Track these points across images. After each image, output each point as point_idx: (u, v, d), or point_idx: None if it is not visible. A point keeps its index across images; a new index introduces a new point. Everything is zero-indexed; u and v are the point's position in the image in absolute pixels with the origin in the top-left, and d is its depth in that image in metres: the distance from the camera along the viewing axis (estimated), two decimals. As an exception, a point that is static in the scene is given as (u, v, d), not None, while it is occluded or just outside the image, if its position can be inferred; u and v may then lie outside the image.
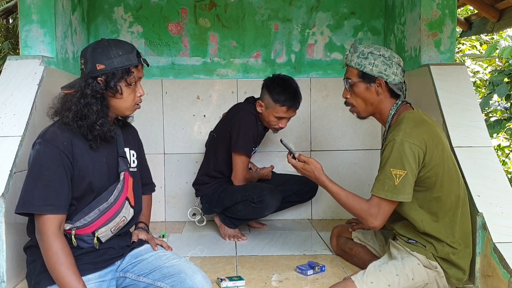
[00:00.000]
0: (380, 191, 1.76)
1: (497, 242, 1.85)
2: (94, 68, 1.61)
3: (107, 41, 1.67)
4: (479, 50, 6.65)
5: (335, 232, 2.41)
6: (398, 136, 1.75)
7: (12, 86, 2.27)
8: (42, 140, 1.56)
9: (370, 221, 1.79)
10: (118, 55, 1.63)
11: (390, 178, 1.74)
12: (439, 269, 1.82)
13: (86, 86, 1.60)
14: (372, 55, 1.84)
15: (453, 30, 2.68)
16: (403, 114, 1.85)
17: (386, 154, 1.77)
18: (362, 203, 1.81)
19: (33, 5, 2.53)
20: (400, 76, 1.87)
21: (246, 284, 2.00)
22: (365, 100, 1.91)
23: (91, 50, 1.63)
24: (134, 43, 3.26)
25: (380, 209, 1.77)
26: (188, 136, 3.28)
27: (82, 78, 1.63)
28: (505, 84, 4.02)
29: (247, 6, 3.30)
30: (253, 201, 2.56)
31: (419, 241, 1.84)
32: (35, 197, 1.51)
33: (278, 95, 2.60)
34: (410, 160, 1.73)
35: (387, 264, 1.82)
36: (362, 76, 1.88)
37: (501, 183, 2.05)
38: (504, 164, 5.39)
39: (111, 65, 1.61)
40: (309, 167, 1.91)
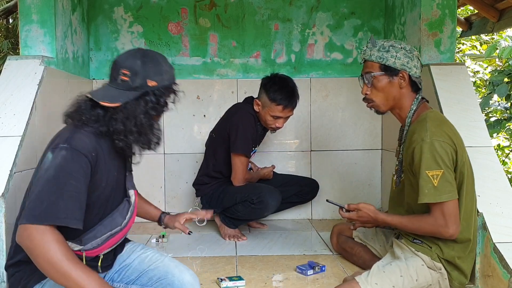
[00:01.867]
0: (423, 196, 1.70)
1: (497, 242, 1.85)
2: (145, 83, 1.50)
3: (154, 53, 1.58)
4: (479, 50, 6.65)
5: (336, 230, 2.41)
6: (426, 136, 1.71)
7: (12, 86, 2.27)
8: (69, 146, 1.41)
9: (444, 231, 1.72)
10: (167, 72, 1.56)
11: (428, 181, 1.69)
12: (443, 270, 1.80)
13: (146, 104, 1.51)
14: (393, 48, 1.82)
15: (453, 30, 2.68)
16: (424, 113, 1.83)
17: (417, 156, 1.71)
18: (427, 220, 1.74)
19: (33, 5, 2.53)
20: (420, 70, 1.87)
21: (246, 284, 2.00)
22: (386, 94, 1.87)
23: (142, 63, 1.51)
24: (134, 43, 3.27)
25: (444, 214, 1.71)
26: (188, 136, 3.28)
27: (127, 92, 1.50)
28: (505, 84, 4.02)
29: (247, 6, 3.30)
30: (253, 202, 2.56)
31: (425, 241, 1.82)
32: (60, 208, 1.34)
33: (274, 93, 2.60)
34: (444, 158, 1.69)
35: (390, 265, 1.80)
36: (384, 69, 1.84)
37: (501, 183, 2.05)
38: (504, 164, 5.39)
39: (162, 82, 1.53)
40: (363, 213, 1.88)
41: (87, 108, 1.50)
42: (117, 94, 1.50)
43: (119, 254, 1.69)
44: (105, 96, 1.49)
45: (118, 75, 1.51)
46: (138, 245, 1.74)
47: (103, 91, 1.52)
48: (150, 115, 1.52)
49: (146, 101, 1.51)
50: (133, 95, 1.49)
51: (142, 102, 1.51)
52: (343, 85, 3.30)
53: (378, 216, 1.86)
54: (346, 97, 3.30)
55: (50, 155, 1.41)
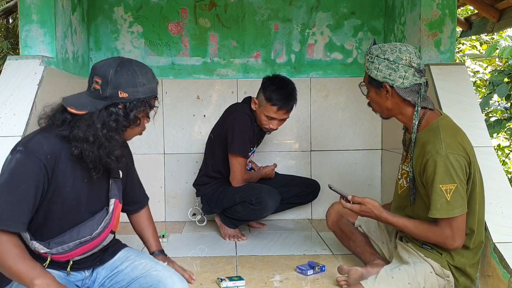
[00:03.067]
0: (434, 211, 1.67)
1: (497, 242, 1.85)
2: (116, 94, 1.44)
3: (131, 64, 1.50)
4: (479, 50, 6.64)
5: (336, 208, 2.23)
6: (441, 148, 1.65)
7: (12, 86, 2.27)
8: (24, 149, 1.40)
9: (449, 243, 1.71)
10: (143, 84, 1.49)
11: (441, 195, 1.65)
12: (451, 278, 1.77)
13: (109, 115, 1.45)
14: (377, 59, 1.74)
15: (453, 30, 2.68)
16: (436, 120, 1.76)
17: (431, 171, 1.66)
18: (434, 230, 1.72)
19: (33, 5, 2.53)
20: (413, 78, 1.73)
21: (246, 284, 2.00)
22: (379, 104, 1.83)
23: (114, 72, 1.45)
24: (134, 43, 3.27)
25: (453, 228, 1.68)
26: (188, 136, 3.28)
27: (97, 100, 1.45)
28: (505, 84, 4.02)
29: (247, 6, 3.30)
30: (251, 202, 2.56)
31: (435, 247, 1.78)
32: (4, 211, 1.35)
33: (271, 93, 2.59)
34: (459, 172, 1.65)
35: (399, 270, 1.76)
36: (369, 80, 1.80)
37: (501, 183, 2.05)
38: (504, 164, 5.39)
39: (134, 95, 1.46)
40: (367, 207, 1.81)
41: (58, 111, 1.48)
42: (87, 102, 1.46)
43: (112, 260, 1.64)
44: (75, 103, 1.46)
45: (91, 82, 1.49)
46: (133, 252, 1.69)
47: (76, 98, 1.50)
48: (110, 128, 1.45)
49: (110, 112, 1.45)
50: (101, 104, 1.45)
51: (106, 113, 1.45)
52: (343, 85, 3.30)
53: (382, 214, 1.80)
54: (346, 97, 3.30)
55: (9, 157, 1.42)
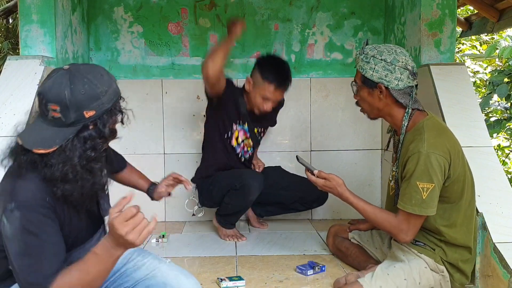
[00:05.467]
0: (408, 205, 1.69)
1: (497, 242, 1.85)
2: (82, 116, 1.23)
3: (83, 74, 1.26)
4: (479, 50, 6.65)
5: (332, 231, 2.39)
6: (423, 147, 1.67)
7: (12, 86, 2.27)
8: (18, 204, 1.21)
9: (401, 236, 1.75)
10: (105, 92, 1.27)
11: (417, 192, 1.67)
12: (446, 273, 1.79)
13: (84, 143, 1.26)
14: (374, 59, 1.75)
15: (453, 30, 2.68)
16: (421, 121, 1.78)
17: (411, 166, 1.69)
18: (391, 219, 1.76)
19: (33, 5, 2.53)
20: (407, 80, 1.75)
21: (246, 284, 1.99)
22: (370, 104, 1.85)
23: (70, 92, 1.22)
24: (134, 43, 3.27)
25: (410, 223, 1.72)
26: (188, 136, 3.28)
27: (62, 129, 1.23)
28: (505, 84, 4.02)
29: (247, 6, 3.30)
30: (236, 187, 2.56)
31: (428, 243, 1.81)
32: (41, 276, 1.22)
33: (268, 72, 2.57)
34: (437, 172, 1.67)
35: (394, 267, 1.79)
36: (363, 80, 1.81)
37: (501, 183, 2.05)
38: (504, 164, 5.39)
39: (101, 108, 1.26)
40: (331, 183, 1.85)
41: (18, 153, 1.27)
42: (51, 134, 1.23)
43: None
44: (38, 140, 1.23)
45: (47, 111, 1.23)
46: (135, 251, 1.58)
47: (35, 132, 1.26)
48: (89, 158, 1.27)
49: (84, 139, 1.26)
50: (70, 133, 1.24)
51: (79, 141, 1.25)
52: (343, 85, 3.30)
53: (344, 193, 1.84)
54: (346, 97, 3.30)
55: (5, 221, 1.21)
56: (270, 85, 2.58)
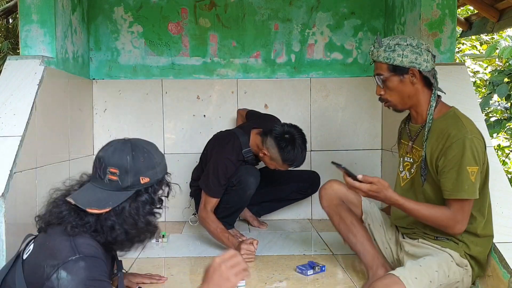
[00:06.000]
0: (462, 192, 1.67)
1: (497, 242, 1.85)
2: (138, 182, 1.34)
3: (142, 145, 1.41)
4: (479, 50, 6.64)
5: (336, 188, 2.10)
6: (467, 132, 1.70)
7: (12, 86, 2.27)
8: (83, 255, 1.25)
9: (457, 227, 1.71)
10: (159, 164, 1.41)
11: (468, 177, 1.67)
12: (469, 267, 1.78)
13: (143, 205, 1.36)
14: (399, 46, 1.77)
15: (453, 30, 2.68)
16: (450, 109, 1.82)
17: (458, 152, 1.68)
18: (445, 212, 1.72)
19: (33, 5, 2.53)
20: (432, 62, 1.80)
21: (246, 284, 1.99)
22: (401, 93, 1.82)
23: (131, 159, 1.34)
24: (134, 43, 3.27)
25: (464, 211, 1.70)
26: (188, 136, 3.28)
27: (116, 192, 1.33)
28: (505, 84, 4.02)
29: (247, 6, 3.30)
30: (233, 184, 2.57)
31: (451, 238, 1.78)
32: None
33: (288, 155, 2.51)
34: (480, 156, 1.70)
35: (424, 259, 1.74)
36: (393, 69, 1.80)
37: (501, 183, 2.05)
38: (504, 164, 5.39)
39: (154, 177, 1.38)
40: (378, 187, 1.71)
41: (71, 214, 1.33)
42: (105, 196, 1.32)
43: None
44: (91, 201, 1.32)
45: (104, 174, 1.33)
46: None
47: (88, 194, 1.35)
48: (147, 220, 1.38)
49: (142, 202, 1.36)
50: (124, 196, 1.33)
51: (137, 203, 1.36)
52: (343, 85, 3.30)
53: (392, 195, 1.73)
54: (346, 97, 3.30)
55: (64, 273, 1.21)
56: (290, 166, 2.60)
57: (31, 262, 1.29)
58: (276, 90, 3.31)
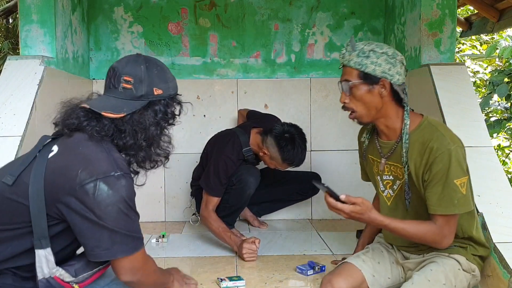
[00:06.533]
0: (451, 207, 1.59)
1: (497, 242, 1.84)
2: (151, 92, 1.37)
3: (155, 60, 1.44)
4: (479, 50, 6.64)
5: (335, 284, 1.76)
6: (449, 143, 1.60)
7: (12, 86, 2.27)
8: (123, 173, 1.29)
9: (445, 242, 1.64)
10: (172, 80, 1.44)
11: (457, 190, 1.58)
12: (477, 272, 1.73)
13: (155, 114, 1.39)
14: (374, 53, 1.63)
15: (453, 30, 2.68)
16: (423, 119, 1.71)
17: (443, 166, 1.59)
18: (432, 228, 1.64)
19: (33, 5, 2.53)
20: (403, 75, 1.68)
21: (246, 284, 1.99)
22: (367, 104, 1.69)
23: (145, 69, 1.37)
24: (134, 43, 3.27)
25: (450, 226, 1.63)
26: (188, 136, 3.28)
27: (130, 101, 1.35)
28: (505, 84, 4.02)
29: (247, 6, 3.30)
30: (233, 184, 2.58)
31: (456, 244, 1.73)
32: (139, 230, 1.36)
33: (287, 154, 2.53)
34: (464, 164, 1.63)
35: (431, 270, 1.67)
36: (363, 77, 1.65)
37: (501, 183, 2.05)
38: (504, 164, 5.39)
39: (167, 91, 1.41)
40: (361, 209, 1.58)
41: (88, 117, 1.34)
42: (119, 104, 1.35)
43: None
44: (105, 106, 1.34)
45: (119, 82, 1.36)
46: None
47: (101, 101, 1.37)
48: (161, 127, 1.42)
49: (155, 111, 1.39)
50: (138, 105, 1.36)
51: (151, 112, 1.38)
52: (343, 85, 3.30)
53: (375, 217, 1.62)
54: (346, 97, 3.30)
55: (105, 186, 1.25)
56: (290, 165, 2.61)
57: (59, 163, 1.30)
58: (276, 90, 3.31)
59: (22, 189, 1.29)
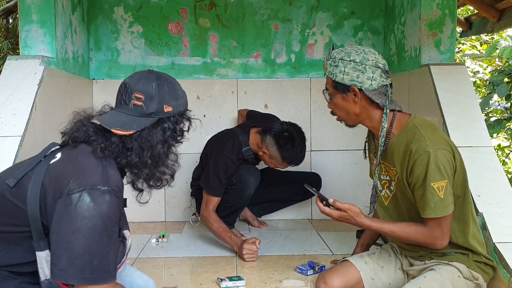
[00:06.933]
0: (429, 211, 1.59)
1: (497, 242, 1.85)
2: (161, 109, 1.37)
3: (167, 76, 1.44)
4: (479, 50, 6.64)
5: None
6: (428, 145, 1.58)
7: (12, 86, 2.27)
8: (110, 189, 1.25)
9: (438, 243, 1.63)
10: (182, 96, 1.44)
11: (434, 194, 1.58)
12: (480, 280, 1.70)
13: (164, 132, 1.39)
14: (342, 61, 1.65)
15: (453, 30, 2.68)
16: (408, 121, 1.69)
17: (422, 169, 1.58)
18: (422, 230, 1.64)
19: (33, 5, 2.53)
20: (380, 79, 1.65)
21: (246, 284, 1.99)
22: (345, 110, 1.71)
23: (157, 86, 1.37)
24: (134, 43, 3.27)
25: (442, 227, 1.62)
26: (188, 136, 3.27)
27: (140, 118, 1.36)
28: (505, 84, 4.03)
29: (247, 6, 3.30)
30: (233, 183, 2.58)
31: (457, 250, 1.71)
32: (110, 262, 1.25)
33: (287, 153, 2.54)
34: (447, 167, 1.59)
35: (425, 278, 1.66)
36: (335, 85, 1.68)
37: (501, 183, 2.05)
38: (504, 164, 5.39)
39: (177, 108, 1.41)
40: (347, 214, 1.65)
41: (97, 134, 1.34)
42: (129, 120, 1.35)
43: None
44: (116, 122, 1.34)
45: (130, 99, 1.36)
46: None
47: (112, 117, 1.37)
48: (169, 145, 1.42)
49: (164, 128, 1.39)
50: (148, 122, 1.36)
51: (160, 129, 1.38)
52: (343, 85, 3.30)
53: (363, 221, 1.66)
54: (346, 97, 3.30)
55: (88, 198, 1.21)
56: (289, 164, 2.61)
57: (57, 169, 1.30)
58: (276, 90, 3.31)
59: (21, 192, 1.29)
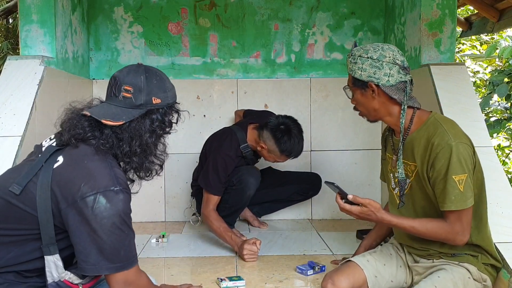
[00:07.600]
0: (449, 203, 1.60)
1: (497, 242, 1.84)
2: (150, 101, 1.42)
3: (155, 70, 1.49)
4: (479, 50, 6.64)
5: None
6: (450, 139, 1.60)
7: (12, 86, 2.27)
8: (123, 188, 1.33)
9: (459, 239, 1.63)
10: (170, 89, 1.50)
11: (455, 186, 1.59)
12: (488, 282, 1.71)
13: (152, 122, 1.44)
14: (360, 58, 1.70)
15: (453, 30, 2.68)
16: (430, 116, 1.72)
17: (444, 162, 1.60)
18: (442, 225, 1.63)
19: (33, 5, 2.53)
20: (398, 75, 1.68)
21: (246, 284, 1.99)
22: (365, 105, 1.77)
23: (145, 79, 1.42)
24: (134, 43, 3.27)
25: (463, 222, 1.61)
26: (188, 136, 3.28)
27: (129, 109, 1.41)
28: (505, 84, 4.03)
29: (247, 6, 3.30)
30: (233, 184, 2.58)
31: (467, 252, 1.72)
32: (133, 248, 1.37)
33: (285, 145, 2.53)
34: (468, 161, 1.62)
35: (438, 277, 1.66)
36: (354, 82, 1.75)
37: (501, 183, 2.05)
38: (504, 164, 5.39)
39: (165, 100, 1.46)
40: (368, 210, 1.64)
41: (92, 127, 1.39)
42: (118, 111, 1.40)
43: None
44: (106, 114, 1.38)
45: (119, 91, 1.41)
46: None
47: (102, 109, 1.42)
48: (157, 135, 1.46)
49: (152, 119, 1.44)
50: (137, 113, 1.41)
51: (148, 120, 1.43)
52: (343, 85, 3.28)
53: (383, 217, 1.65)
54: (346, 97, 3.28)
55: (103, 200, 1.29)
56: (288, 157, 2.61)
57: (65, 174, 1.34)
58: (276, 90, 3.31)
59: (29, 198, 1.32)
